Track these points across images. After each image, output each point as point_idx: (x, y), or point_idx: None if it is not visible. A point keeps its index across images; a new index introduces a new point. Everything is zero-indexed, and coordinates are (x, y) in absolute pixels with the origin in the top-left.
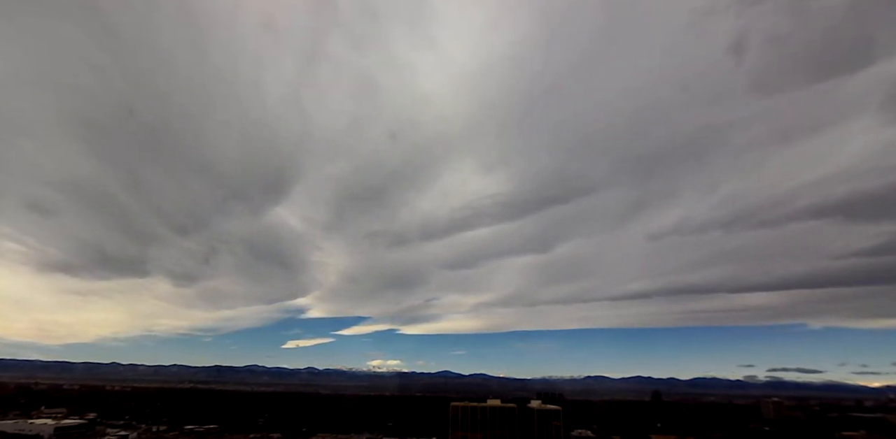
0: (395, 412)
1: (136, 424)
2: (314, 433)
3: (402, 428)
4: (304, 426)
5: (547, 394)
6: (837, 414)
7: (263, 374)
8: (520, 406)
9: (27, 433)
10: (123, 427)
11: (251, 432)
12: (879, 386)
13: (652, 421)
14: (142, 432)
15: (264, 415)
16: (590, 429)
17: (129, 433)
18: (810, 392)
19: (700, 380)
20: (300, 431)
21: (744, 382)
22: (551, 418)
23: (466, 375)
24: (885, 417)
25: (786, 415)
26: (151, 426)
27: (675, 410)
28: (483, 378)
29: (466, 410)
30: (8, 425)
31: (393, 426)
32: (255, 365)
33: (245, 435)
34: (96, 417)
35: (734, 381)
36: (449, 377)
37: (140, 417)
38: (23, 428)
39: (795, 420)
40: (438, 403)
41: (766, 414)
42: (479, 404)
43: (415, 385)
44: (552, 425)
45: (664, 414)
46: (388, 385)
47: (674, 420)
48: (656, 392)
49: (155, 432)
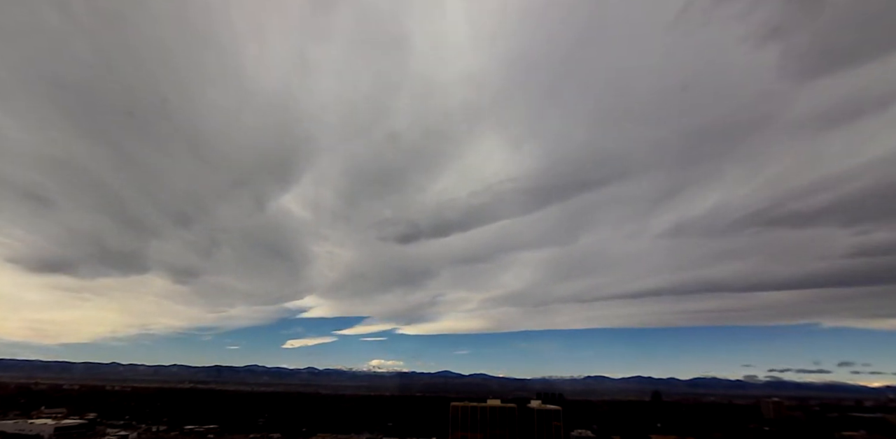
0: (395, 412)
1: (136, 424)
2: (314, 433)
3: (402, 428)
4: (304, 426)
5: (547, 394)
6: (837, 414)
7: (263, 374)
8: (520, 406)
9: (27, 433)
10: (123, 427)
11: (251, 432)
12: (879, 386)
13: (652, 421)
14: (142, 432)
15: (264, 415)
16: (590, 429)
17: (129, 433)
18: (810, 392)
19: (700, 380)
20: (300, 431)
21: (744, 382)
22: (551, 418)
23: (466, 375)
24: (885, 417)
25: (786, 415)
26: (151, 426)
27: (675, 410)
28: (483, 378)
29: (466, 410)
30: (8, 425)
31: (393, 426)
32: (255, 365)
33: (245, 435)
34: (96, 417)
35: (734, 381)
36: (449, 377)
37: (140, 417)
38: (23, 428)
39: (795, 420)
40: (438, 403)
41: (766, 414)
42: (479, 404)
43: (415, 385)
44: (552, 425)
45: (664, 414)
46: (388, 385)
47: (674, 420)
48: (656, 392)
49: (155, 432)
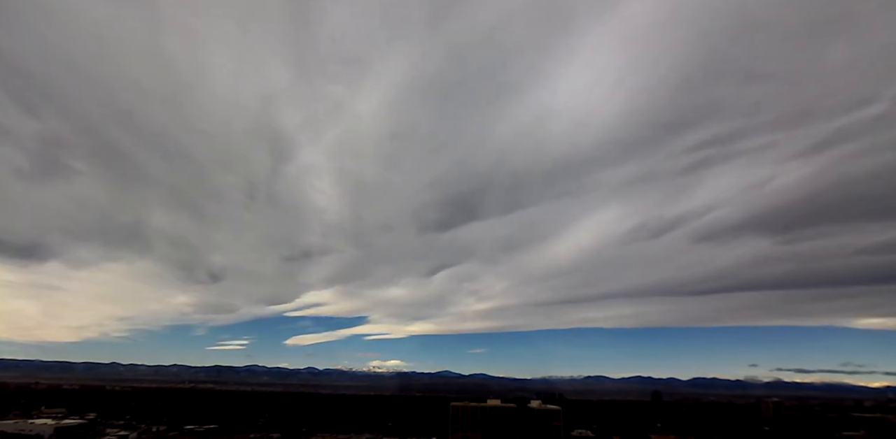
0: (395, 412)
1: (136, 424)
2: (314, 433)
3: (402, 428)
4: (304, 426)
5: (547, 394)
6: (837, 414)
7: (263, 374)
8: (520, 406)
9: (27, 433)
10: (123, 427)
11: (251, 432)
12: (879, 387)
13: (652, 421)
14: (142, 432)
15: (264, 415)
16: (590, 429)
17: (129, 433)
18: (810, 392)
19: (700, 380)
20: (300, 431)
21: (744, 382)
22: (551, 418)
23: (466, 375)
24: (885, 417)
25: (786, 415)
26: (151, 426)
27: (675, 410)
28: (483, 378)
29: (466, 410)
30: (8, 425)
31: (393, 426)
32: (255, 366)
33: (245, 435)
34: (96, 417)
35: (734, 381)
36: (449, 377)
37: (140, 417)
38: (23, 428)
39: (795, 420)
40: (438, 403)
41: (766, 414)
42: (479, 404)
43: (415, 385)
44: (552, 425)
45: (664, 414)
46: (388, 385)
47: (674, 420)
48: (656, 392)
49: (155, 432)
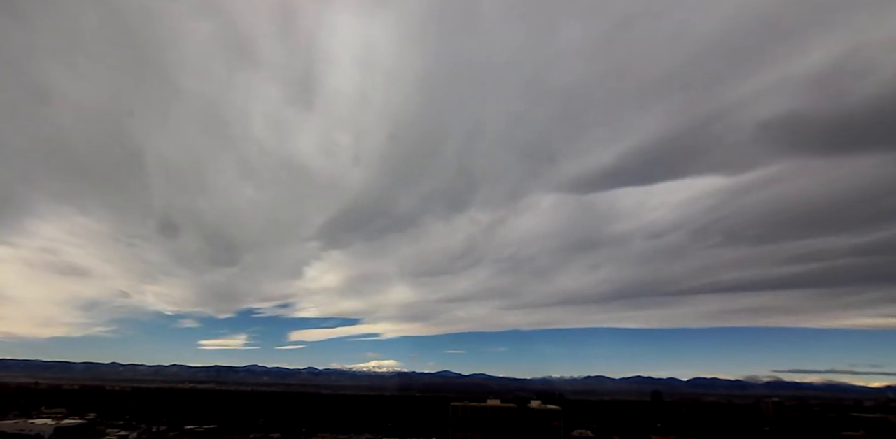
0: (395, 412)
1: (136, 424)
2: (314, 433)
3: (402, 428)
4: (304, 426)
5: (547, 394)
6: (837, 414)
7: (263, 374)
8: (520, 406)
9: (27, 433)
10: (123, 427)
11: (251, 432)
12: (879, 387)
13: (652, 421)
14: (142, 432)
15: (264, 415)
16: (590, 429)
17: (129, 433)
18: (810, 392)
19: (700, 380)
20: (300, 431)
21: (744, 382)
22: (551, 418)
23: (466, 375)
24: (885, 417)
25: (786, 415)
26: (151, 426)
27: (675, 410)
28: (483, 378)
29: (466, 410)
30: (8, 425)
31: (393, 426)
32: (254, 366)
33: (245, 435)
34: (96, 417)
35: (734, 381)
36: (449, 377)
37: (140, 417)
38: (23, 428)
39: (795, 420)
40: (438, 403)
41: (766, 414)
42: (479, 404)
43: (415, 385)
44: (552, 425)
45: (664, 414)
46: (388, 385)
47: (674, 420)
48: (656, 392)
49: (155, 432)
